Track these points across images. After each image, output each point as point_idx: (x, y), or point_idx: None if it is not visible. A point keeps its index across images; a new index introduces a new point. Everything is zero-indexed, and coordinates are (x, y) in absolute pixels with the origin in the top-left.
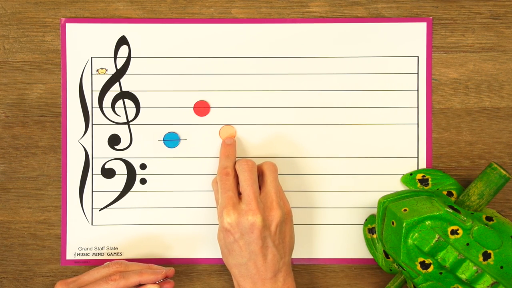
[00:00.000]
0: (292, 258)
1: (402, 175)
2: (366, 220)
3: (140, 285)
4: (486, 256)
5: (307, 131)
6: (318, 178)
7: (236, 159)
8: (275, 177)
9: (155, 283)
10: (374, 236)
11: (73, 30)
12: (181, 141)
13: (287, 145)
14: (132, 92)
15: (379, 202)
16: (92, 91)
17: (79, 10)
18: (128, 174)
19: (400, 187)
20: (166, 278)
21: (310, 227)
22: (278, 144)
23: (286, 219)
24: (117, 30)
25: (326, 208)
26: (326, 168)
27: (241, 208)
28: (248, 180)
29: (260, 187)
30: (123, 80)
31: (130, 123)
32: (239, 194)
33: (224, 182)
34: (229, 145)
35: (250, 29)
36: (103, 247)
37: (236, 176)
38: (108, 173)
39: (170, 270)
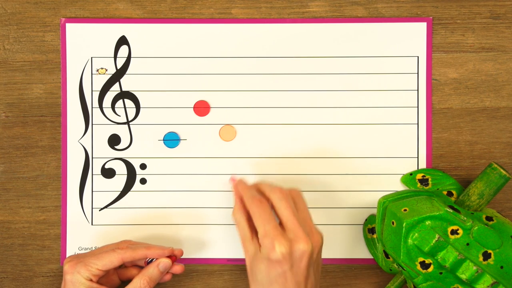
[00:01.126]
0: None
1: (402, 175)
2: (366, 220)
3: (149, 264)
4: (486, 256)
5: (307, 131)
6: (318, 178)
7: (259, 182)
8: (306, 203)
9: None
10: (374, 236)
11: (73, 30)
12: (181, 141)
13: (287, 145)
14: (132, 92)
15: (379, 202)
16: (92, 91)
17: (79, 10)
18: (128, 174)
19: (400, 187)
20: (174, 260)
21: None
22: (278, 144)
23: (322, 244)
24: (117, 30)
25: (326, 208)
26: (326, 168)
27: (289, 237)
28: (288, 208)
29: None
30: (123, 80)
31: (130, 123)
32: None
33: (261, 210)
34: (240, 180)
35: (250, 29)
36: None
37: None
38: (108, 173)
39: (179, 250)
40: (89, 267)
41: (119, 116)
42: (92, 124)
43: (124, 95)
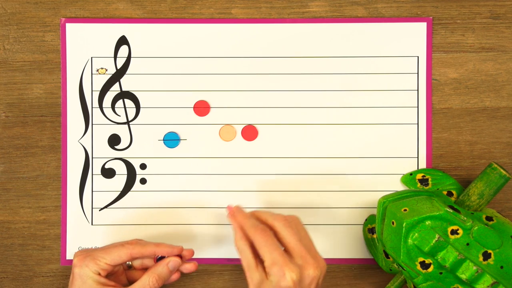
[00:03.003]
0: None
1: (402, 175)
2: (366, 220)
3: (160, 260)
4: (486, 256)
5: (307, 131)
6: (318, 178)
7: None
8: (306, 229)
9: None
10: (374, 236)
11: (73, 30)
12: (181, 141)
13: (287, 145)
14: (132, 92)
15: (379, 202)
16: (92, 91)
17: (79, 10)
18: (128, 174)
19: (400, 187)
20: (185, 259)
21: (310, 227)
22: (278, 144)
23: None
24: (117, 30)
25: (326, 208)
26: (326, 168)
27: (298, 263)
28: (294, 235)
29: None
30: (123, 80)
31: (130, 123)
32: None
33: (266, 238)
34: (239, 209)
35: (250, 29)
36: None
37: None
38: (108, 173)
39: (189, 251)
40: (97, 261)
41: (119, 116)
42: (92, 124)
43: (124, 95)
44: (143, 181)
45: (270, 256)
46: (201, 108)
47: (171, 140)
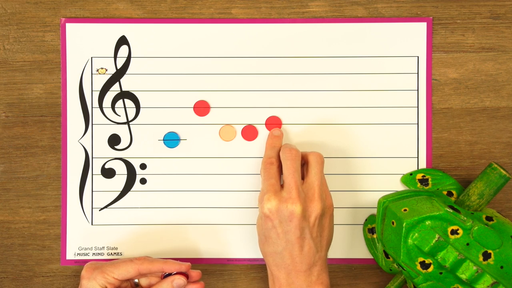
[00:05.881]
0: None
1: (402, 175)
2: (366, 220)
3: (167, 277)
4: (486, 256)
5: (307, 131)
6: None
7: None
8: (320, 169)
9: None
10: (374, 236)
11: (73, 30)
12: (181, 141)
13: None
14: (132, 92)
15: (379, 202)
16: (92, 91)
17: (79, 10)
18: (128, 174)
19: (400, 187)
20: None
21: None
22: None
23: (327, 213)
24: (117, 30)
25: None
26: (326, 168)
27: (282, 195)
28: (290, 168)
29: (304, 177)
30: (123, 80)
31: (130, 123)
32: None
33: (268, 170)
34: (276, 136)
35: (250, 29)
36: (103, 247)
37: (280, 166)
38: (108, 173)
39: (197, 272)
40: (105, 275)
41: (119, 116)
42: (92, 124)
43: (124, 95)
44: (143, 181)
45: (263, 185)
46: (201, 108)
47: (171, 140)
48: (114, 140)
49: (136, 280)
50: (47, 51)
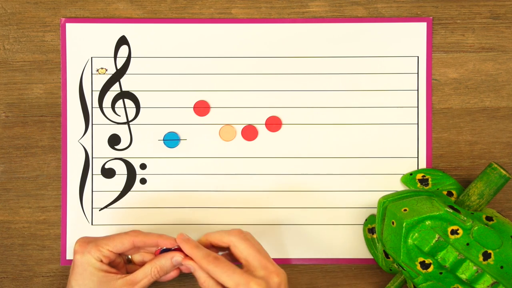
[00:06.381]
0: (292, 258)
1: (402, 175)
2: (366, 220)
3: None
4: (486, 256)
5: (307, 131)
6: (318, 178)
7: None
8: (249, 244)
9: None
10: (374, 236)
11: (73, 30)
12: (181, 141)
13: (287, 145)
14: (132, 92)
15: (379, 202)
16: (92, 91)
17: (79, 10)
18: (128, 174)
19: (400, 187)
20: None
21: (310, 227)
22: (278, 144)
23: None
24: (117, 30)
25: (326, 208)
26: (326, 168)
27: (261, 275)
28: (252, 247)
29: (239, 260)
30: (123, 80)
31: (130, 123)
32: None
33: (221, 266)
34: (187, 239)
35: (250, 29)
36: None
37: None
38: (108, 173)
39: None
40: (100, 248)
41: (119, 116)
42: (92, 124)
43: (124, 95)
44: (143, 181)
45: (232, 280)
46: (201, 108)
47: (171, 140)
48: (114, 140)
49: (129, 256)
50: (47, 51)
